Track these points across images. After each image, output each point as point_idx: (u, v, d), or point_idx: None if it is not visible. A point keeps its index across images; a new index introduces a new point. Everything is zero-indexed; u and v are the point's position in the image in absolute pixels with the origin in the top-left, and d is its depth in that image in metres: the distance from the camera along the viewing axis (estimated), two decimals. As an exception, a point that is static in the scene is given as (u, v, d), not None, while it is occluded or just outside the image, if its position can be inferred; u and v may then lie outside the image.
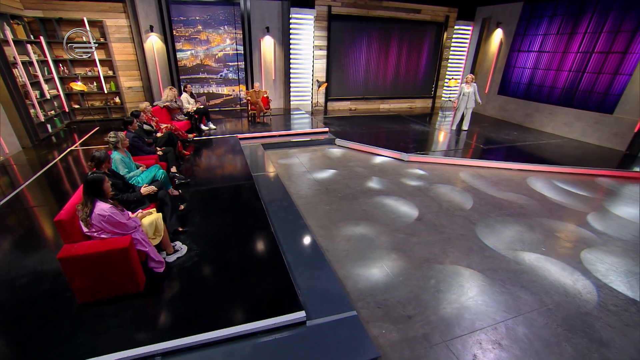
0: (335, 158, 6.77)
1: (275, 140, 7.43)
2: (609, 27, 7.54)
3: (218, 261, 3.23)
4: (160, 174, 4.03)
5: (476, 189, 5.48)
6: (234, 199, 4.52)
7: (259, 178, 5.36)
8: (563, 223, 4.52)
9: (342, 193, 5.18)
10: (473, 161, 6.50)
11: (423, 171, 6.14)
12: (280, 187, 5.07)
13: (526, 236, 4.16)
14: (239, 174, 5.34)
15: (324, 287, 3.01)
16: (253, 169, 5.68)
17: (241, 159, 6.00)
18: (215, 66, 9.54)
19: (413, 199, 5.03)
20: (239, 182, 4.99)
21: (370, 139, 7.75)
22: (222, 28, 9.11)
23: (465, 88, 8.23)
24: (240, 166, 5.68)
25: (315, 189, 5.32)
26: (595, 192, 5.55)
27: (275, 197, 4.74)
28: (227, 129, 7.97)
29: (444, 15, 10.65)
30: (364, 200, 4.94)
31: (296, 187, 5.39)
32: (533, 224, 4.44)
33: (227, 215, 4.06)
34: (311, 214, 4.56)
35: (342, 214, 4.57)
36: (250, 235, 3.66)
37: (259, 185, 5.07)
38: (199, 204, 4.33)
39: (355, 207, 4.76)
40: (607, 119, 7.73)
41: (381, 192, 5.25)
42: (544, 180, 5.94)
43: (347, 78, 10.69)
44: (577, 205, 5.03)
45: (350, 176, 5.83)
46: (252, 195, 4.57)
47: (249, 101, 8.56)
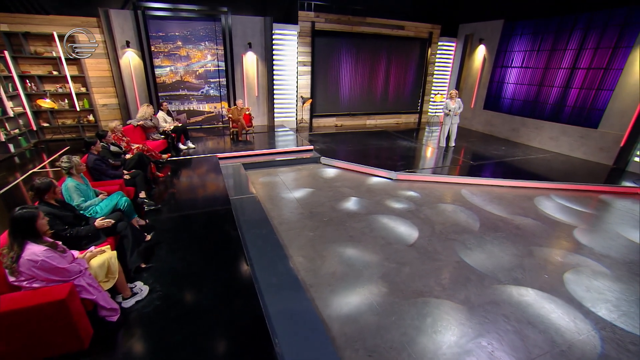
0: (320, 178, 6.42)
1: (257, 159, 7.04)
2: (589, 44, 7.58)
3: (184, 305, 2.78)
4: (123, 201, 3.58)
5: (468, 208, 5.20)
6: (208, 227, 4.08)
7: (237, 202, 4.94)
8: (563, 244, 4.24)
9: (327, 217, 4.80)
10: (463, 178, 6.25)
11: (413, 191, 5.84)
12: (260, 212, 4.66)
13: (526, 262, 3.85)
14: (216, 198, 4.91)
15: (306, 334, 2.59)
16: (232, 192, 5.26)
17: (219, 180, 5.57)
18: (196, 83, 9.19)
19: (403, 222, 4.69)
20: (215, 208, 4.56)
21: (356, 156, 7.46)
22: (203, 44, 8.81)
23: (450, 104, 8.10)
24: (217, 189, 5.25)
25: (298, 212, 4.93)
26: (594, 209, 5.34)
27: (254, 223, 4.32)
28: (208, 147, 7.55)
29: (427, 32, 10.66)
30: (351, 225, 4.57)
31: (278, 210, 4.99)
32: (532, 247, 4.15)
33: (198, 247, 3.62)
34: (293, 242, 4.15)
35: (327, 241, 4.18)
36: (223, 272, 3.22)
37: (237, 210, 4.66)
38: (168, 234, 3.87)
39: (342, 232, 4.38)
40: (593, 134, 7.67)
41: (369, 214, 4.89)
42: (538, 196, 5.72)
43: (333, 94, 10.49)
44: (576, 223, 4.79)
45: (336, 197, 5.47)
46: (229, 223, 4.14)
47: (230, 119, 8.20)
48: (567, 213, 5.17)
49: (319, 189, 5.80)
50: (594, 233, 4.58)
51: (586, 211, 5.29)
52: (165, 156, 5.81)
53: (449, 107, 8.09)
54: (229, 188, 5.43)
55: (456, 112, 8.15)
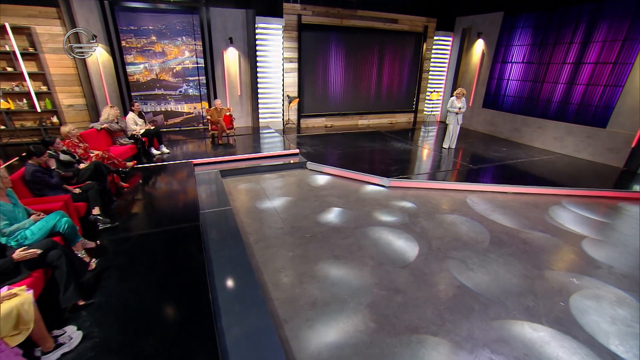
0: (305, 185, 5.95)
1: (236, 165, 6.56)
2: (596, 36, 7.21)
3: (125, 355, 2.30)
4: (63, 223, 3.08)
5: (469, 219, 4.76)
6: (171, 248, 3.59)
7: (209, 216, 4.46)
8: (578, 262, 3.82)
9: (310, 232, 4.33)
10: (463, 185, 5.83)
11: (407, 200, 5.40)
12: (233, 228, 4.17)
13: (538, 285, 3.41)
14: (184, 212, 4.42)
15: (272, 394, 2.12)
16: (204, 204, 4.78)
17: (191, 191, 5.08)
18: (173, 81, 8.67)
19: (396, 237, 4.24)
20: (181, 225, 4.06)
21: (346, 161, 7.00)
22: (180, 39, 8.30)
23: (456, 102, 7.67)
24: (188, 201, 4.76)
25: (277, 227, 4.46)
26: (609, 218, 4.94)
27: (225, 242, 3.84)
28: (184, 152, 7.04)
29: (422, 26, 10.25)
30: (337, 242, 4.11)
31: (255, 225, 4.51)
32: (543, 267, 3.72)
33: (155, 275, 3.13)
34: (269, 264, 3.68)
35: (309, 262, 3.71)
36: (180, 308, 2.74)
37: (207, 226, 4.17)
38: (121, 258, 3.38)
39: (326, 251, 3.92)
40: (600, 133, 7.30)
41: (358, 228, 4.44)
42: (546, 204, 5.31)
43: (322, 92, 10.03)
44: (591, 235, 4.37)
45: (321, 208, 5.00)
46: (195, 242, 3.65)
47: (209, 120, 7.70)
48: (579, 223, 4.76)
49: (303, 199, 5.33)
50: (612, 247, 4.17)
51: (601, 220, 4.89)
52: (130, 164, 5.30)
53: (454, 105, 7.64)
54: (202, 200, 4.95)
55: (462, 110, 7.71)
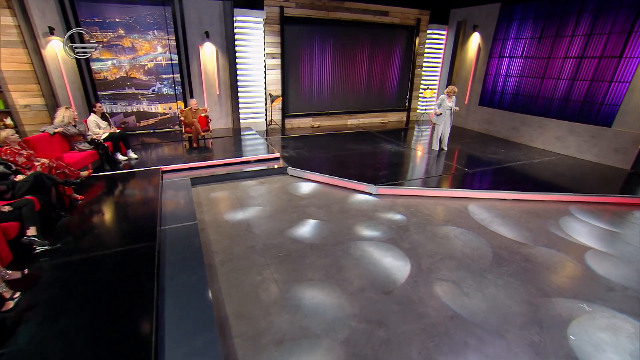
0: (284, 194, 5.51)
1: (210, 171, 6.09)
2: (600, 28, 6.85)
3: None
4: (-25, 251, 2.60)
5: (464, 231, 4.36)
6: (116, 276, 3.12)
7: (170, 233, 4.00)
8: (588, 282, 3.43)
9: (284, 250, 3.90)
10: (458, 191, 5.43)
11: (396, 210, 4.98)
12: (196, 248, 3.72)
13: (543, 313, 3.01)
14: (140, 230, 3.95)
15: None
16: (166, 219, 4.32)
17: (153, 204, 4.61)
18: (145, 79, 8.17)
19: (381, 255, 3.82)
20: (135, 245, 3.59)
21: (331, 166, 6.58)
22: (151, 33, 7.80)
23: (447, 101, 7.28)
24: (147, 216, 4.29)
25: (248, 245, 4.01)
26: (620, 228, 4.56)
27: (184, 266, 3.39)
28: (154, 158, 6.56)
29: (414, 18, 9.85)
30: (313, 262, 3.68)
31: (223, 243, 4.06)
32: (548, 290, 3.31)
33: (90, 313, 2.67)
34: (234, 291, 3.23)
35: (280, 287, 3.27)
36: (113, 357, 2.29)
37: (165, 246, 3.72)
38: (53, 291, 2.91)
39: (300, 273, 3.48)
40: (605, 133, 6.95)
41: (338, 245, 4.01)
42: (548, 212, 4.92)
43: (308, 91, 9.58)
44: (601, 249, 3.99)
45: (299, 221, 4.57)
46: (146, 268, 3.19)
47: (183, 122, 7.22)
48: (586, 235, 4.38)
49: (280, 210, 4.89)
50: (625, 264, 3.78)
51: (611, 230, 4.51)
52: (85, 173, 4.81)
53: (444, 104, 7.26)
54: (165, 214, 4.49)
55: (455, 109, 7.34)
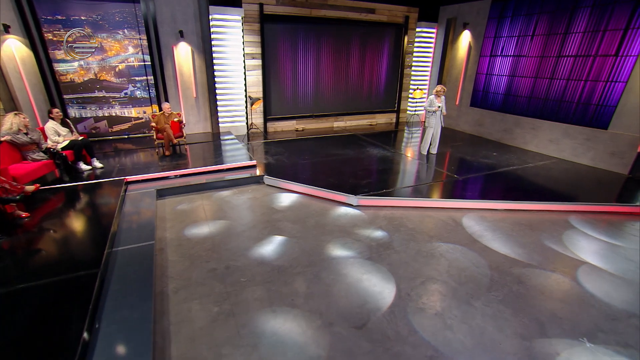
0: (257, 206, 5.10)
1: (178, 182, 5.66)
2: (594, 26, 6.52)
3: None
4: None
5: (451, 248, 3.97)
6: (40, 315, 2.68)
7: (121, 256, 3.57)
8: (589, 310, 3.05)
9: (248, 275, 3.48)
10: (445, 202, 5.05)
11: (377, 225, 4.58)
12: (147, 274, 3.30)
13: (537, 350, 2.63)
14: (85, 254, 3.51)
15: None
16: (119, 240, 3.89)
17: (108, 221, 4.17)
18: (116, 82, 7.72)
19: (356, 280, 3.42)
20: (73, 274, 3.16)
21: (311, 173, 6.18)
22: (121, 32, 7.35)
23: (436, 101, 6.92)
24: (97, 236, 3.85)
25: (209, 268, 3.60)
26: (623, 241, 4.20)
27: (128, 297, 2.97)
28: (122, 167, 6.11)
29: (403, 16, 9.49)
30: (279, 289, 3.27)
31: (181, 265, 3.64)
32: (543, 319, 2.93)
33: (-5, 365, 2.24)
34: (183, 327, 2.81)
35: (236, 322, 2.86)
36: None
37: (111, 273, 3.29)
38: (-38, 334, 2.47)
39: (262, 302, 3.07)
40: (601, 135, 6.62)
41: (309, 267, 3.60)
42: (542, 224, 4.56)
43: (291, 92, 9.17)
44: (602, 266, 3.62)
45: (269, 238, 4.16)
46: (78, 305, 2.76)
47: (154, 128, 6.78)
48: (583, 249, 4.01)
49: (250, 226, 4.47)
50: (627, 285, 3.42)
51: (610, 242, 4.15)
52: (30, 188, 4.35)
53: (433, 105, 6.90)
54: (120, 232, 4.06)
55: (444, 112, 7.02)
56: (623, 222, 4.77)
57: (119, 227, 4.16)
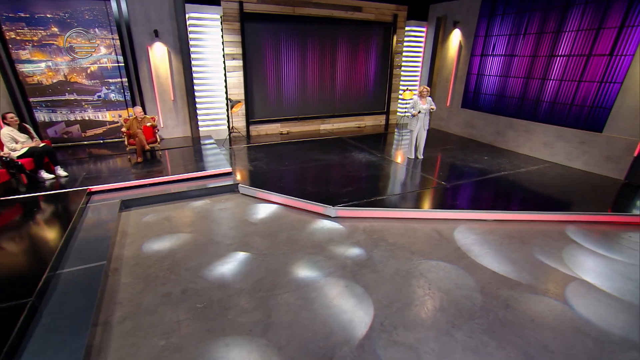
0: (227, 219, 4.74)
1: (147, 191, 5.30)
2: (588, 24, 6.22)
3: None
4: None
5: (432, 267, 3.63)
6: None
7: (64, 280, 3.21)
8: (582, 338, 2.72)
9: (205, 300, 3.13)
10: (430, 212, 4.71)
11: (355, 240, 4.24)
12: (89, 301, 2.93)
13: (521, 396, 2.29)
14: (20, 279, 3.14)
15: None
16: (67, 260, 3.52)
17: (56, 238, 3.80)
18: (88, 84, 7.34)
19: (324, 306, 3.07)
20: (3, 303, 2.79)
21: (289, 181, 5.83)
22: (92, 31, 6.97)
23: (420, 103, 6.59)
24: (41, 257, 3.48)
25: (164, 291, 3.24)
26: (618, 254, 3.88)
27: (59, 332, 2.60)
28: (90, 174, 5.73)
29: (391, 14, 9.16)
30: (236, 317, 2.91)
31: (133, 289, 3.27)
32: (533, 355, 2.60)
33: None
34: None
35: (183, 358, 2.51)
36: None
37: (47, 301, 2.92)
38: None
39: (215, 335, 2.72)
40: (596, 139, 6.32)
41: (274, 290, 3.25)
42: (534, 235, 4.23)
43: (275, 94, 8.82)
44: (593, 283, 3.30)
45: (235, 255, 3.80)
46: None
47: (126, 133, 6.41)
48: (578, 265, 3.68)
49: (216, 241, 4.12)
50: (628, 310, 3.09)
51: (606, 255, 3.83)
52: (-26, 201, 3.99)
53: (417, 107, 6.58)
54: (70, 251, 3.69)
55: (432, 107, 6.65)
56: (619, 232, 4.46)
57: (69, 245, 3.79)
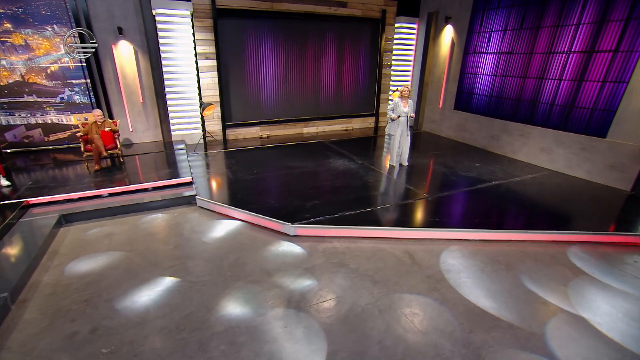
0: (173, 236, 4.22)
1: (94, 203, 4.81)
2: (590, 16, 5.62)
3: None
4: None
5: (393, 302, 3.08)
6: None
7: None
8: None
9: (115, 342, 2.61)
10: (402, 231, 4.14)
11: (310, 265, 3.70)
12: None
13: None
14: None
15: None
16: (-37, 290, 3.02)
17: (-38, 262, 3.32)
18: (49, 85, 6.89)
19: (255, 352, 2.53)
20: None
21: (253, 192, 5.28)
22: (50, 28, 6.53)
23: (401, 105, 6.04)
24: None
25: (68, 332, 2.72)
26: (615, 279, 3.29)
27: None
28: (37, 184, 5.27)
29: (379, 10, 8.60)
30: (141, 374, 2.39)
31: (30, 329, 2.77)
32: None
33: None
34: None
35: None
36: None
37: None
38: None
39: (106, 402, 2.20)
40: (599, 145, 5.71)
41: (198, 332, 2.72)
42: (524, 259, 3.65)
43: (254, 96, 8.30)
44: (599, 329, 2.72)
45: (167, 283, 3.28)
46: None
47: (82, 139, 5.94)
48: (571, 298, 3.10)
49: (153, 264, 3.60)
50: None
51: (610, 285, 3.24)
52: None
53: (398, 109, 6.04)
54: (-26, 277, 3.20)
55: (411, 115, 6.14)
56: (624, 256, 3.87)
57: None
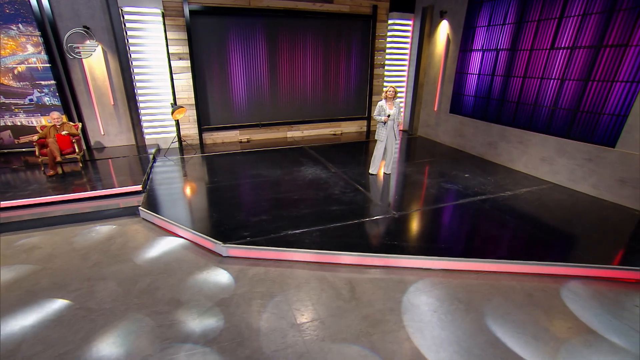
0: (98, 251, 3.80)
1: (33, 212, 4.49)
2: (598, 6, 4.87)
3: None
4: None
5: (315, 354, 2.52)
6: None
7: None
8: None
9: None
10: (349, 257, 3.55)
11: (222, 302, 3.18)
12: None
13: None
14: None
15: None
16: None
17: None
18: (17, 86, 6.71)
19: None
20: None
21: (199, 204, 4.82)
22: (15, 27, 6.34)
23: (386, 107, 5.45)
24: None
25: None
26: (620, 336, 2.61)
27: None
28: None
29: (370, 6, 8.03)
30: None
31: None
32: None
33: None
34: None
35: None
36: None
37: None
38: None
39: None
40: (607, 155, 4.92)
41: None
42: (491, 297, 3.00)
43: (233, 98, 7.89)
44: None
45: (61, 310, 2.84)
46: None
47: (36, 143, 5.67)
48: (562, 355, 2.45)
49: (61, 284, 3.18)
50: None
51: (612, 342, 2.56)
52: None
53: (383, 113, 5.45)
54: None
55: (399, 121, 5.57)
56: (626, 297, 3.14)
57: None
